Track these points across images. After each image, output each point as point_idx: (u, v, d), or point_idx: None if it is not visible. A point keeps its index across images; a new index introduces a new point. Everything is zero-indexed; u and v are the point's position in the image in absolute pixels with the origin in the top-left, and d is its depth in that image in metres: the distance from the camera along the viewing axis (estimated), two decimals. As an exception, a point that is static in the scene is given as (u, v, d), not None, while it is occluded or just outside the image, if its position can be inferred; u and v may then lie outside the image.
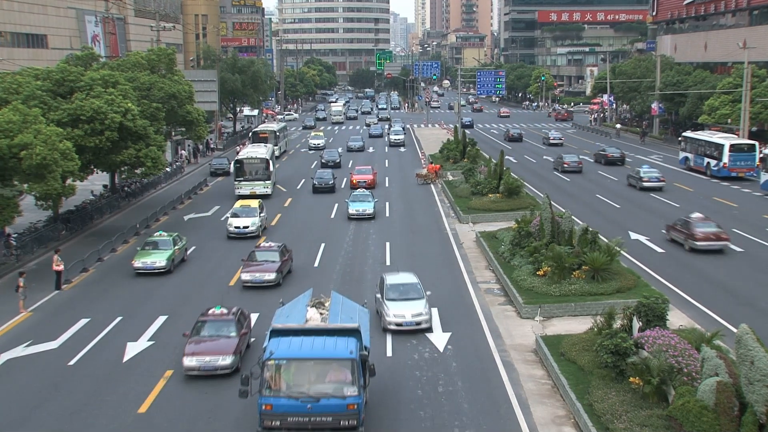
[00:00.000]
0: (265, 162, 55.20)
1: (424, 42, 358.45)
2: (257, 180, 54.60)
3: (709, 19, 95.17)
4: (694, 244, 37.80)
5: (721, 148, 60.18)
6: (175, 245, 37.01)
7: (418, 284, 28.75)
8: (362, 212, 46.82)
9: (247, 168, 54.85)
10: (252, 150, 58.98)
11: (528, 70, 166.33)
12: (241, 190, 54.42)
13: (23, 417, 21.43)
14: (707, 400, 17.43)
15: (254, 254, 34.48)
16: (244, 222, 42.55)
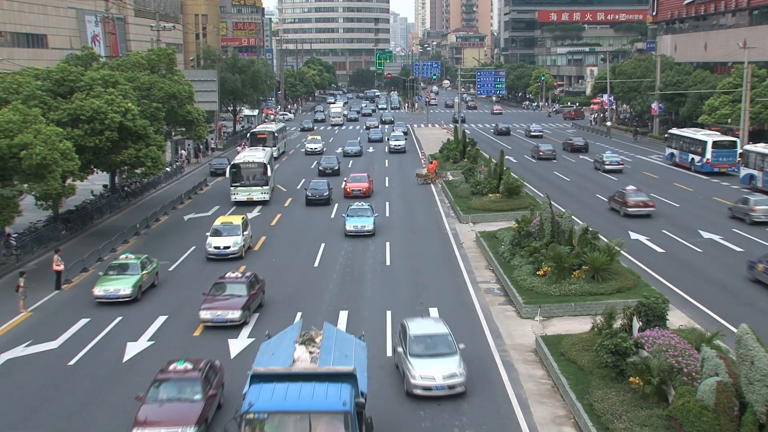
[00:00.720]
0: (263, 166, 52.35)
1: (424, 42, 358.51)
2: (254, 185, 52.06)
3: (709, 19, 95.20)
4: (626, 210, 46.42)
5: (704, 145, 62.94)
6: (144, 269, 32.57)
7: (448, 335, 23.41)
8: (360, 229, 42.04)
9: (244, 173, 52.20)
10: (249, 154, 56.05)
11: (528, 70, 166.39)
12: (237, 196, 51.90)
13: (23, 417, 21.43)
14: (707, 400, 17.44)
15: (217, 287, 29.26)
16: (224, 242, 37.83)
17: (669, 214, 47.05)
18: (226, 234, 38.39)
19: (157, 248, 40.95)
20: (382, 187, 59.50)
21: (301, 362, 18.18)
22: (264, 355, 19.61)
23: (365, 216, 42.78)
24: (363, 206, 44.23)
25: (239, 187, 51.95)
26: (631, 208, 46.09)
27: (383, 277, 34.65)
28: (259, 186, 52.06)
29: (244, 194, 51.82)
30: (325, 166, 65.88)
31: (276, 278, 34.67)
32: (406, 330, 23.47)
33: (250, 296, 28.85)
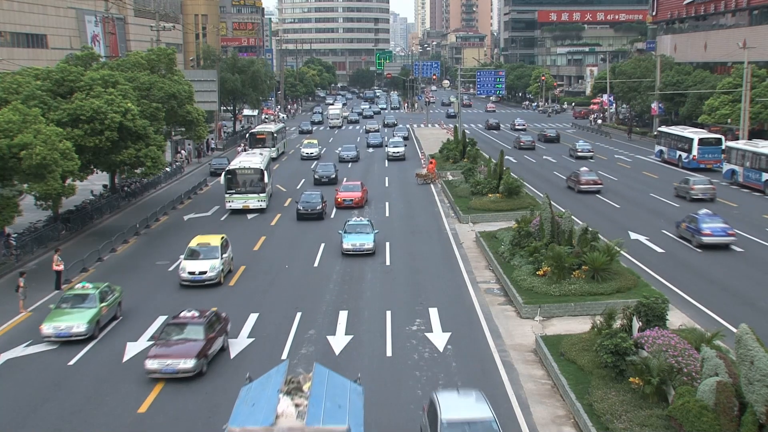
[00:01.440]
0: (260, 173, 49.60)
1: (424, 42, 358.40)
2: (251, 192, 49.34)
3: (709, 19, 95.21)
4: (579, 187, 55.57)
5: (690, 142, 65.91)
6: (103, 301, 28.11)
7: (493, 421, 17.58)
8: (359, 247, 37.94)
9: (239, 179, 49.56)
10: (245, 159, 53.06)
11: (528, 70, 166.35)
12: (232, 203, 49.35)
13: (23, 417, 21.43)
14: (707, 400, 17.44)
15: (169, 329, 24.74)
16: (201, 266, 33.03)
17: (669, 213, 47.10)
18: (202, 256, 33.61)
19: (156, 248, 40.98)
20: (381, 187, 59.53)
21: (285, 418, 15.52)
22: (243, 405, 16.73)
23: (364, 233, 38.91)
24: (362, 221, 40.08)
25: (234, 194, 49.37)
26: (583, 185, 55.46)
27: (383, 277, 34.65)
28: (256, 193, 49.44)
29: (240, 202, 49.32)
30: (321, 174, 61.12)
31: (275, 278, 34.71)
32: (436, 410, 17.72)
33: (208, 340, 24.27)
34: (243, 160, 52.22)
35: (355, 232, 38.82)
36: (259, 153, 56.97)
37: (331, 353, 25.62)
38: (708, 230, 38.80)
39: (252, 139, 77.35)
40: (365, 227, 39.37)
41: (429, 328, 27.69)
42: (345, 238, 38.47)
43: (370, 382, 23.08)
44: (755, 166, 55.59)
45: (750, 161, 56.35)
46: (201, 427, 20.69)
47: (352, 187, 52.20)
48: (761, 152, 54.88)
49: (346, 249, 38.06)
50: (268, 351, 25.85)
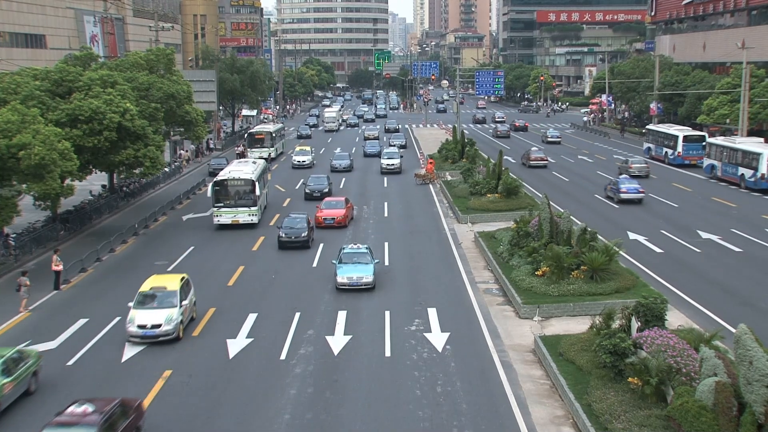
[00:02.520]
0: (251, 184, 44.87)
1: (423, 42, 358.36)
2: (241, 206, 44.84)
3: (707, 19, 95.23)
4: (529, 162, 68.82)
5: (676, 139, 68.66)
6: (8, 375, 21.60)
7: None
8: (356, 281, 32.08)
9: (228, 191, 44.98)
10: (235, 168, 48.21)
11: (527, 70, 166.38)
12: (220, 218, 44.81)
13: (22, 417, 21.39)
14: (706, 400, 17.45)
15: None
16: (153, 318, 26.41)
17: (669, 214, 47.14)
18: (156, 304, 26.95)
19: (155, 249, 40.97)
20: (380, 187, 59.49)
21: None
22: None
23: (362, 263, 33.03)
24: (359, 249, 34.13)
25: (223, 207, 44.77)
26: (532, 161, 69.12)
27: (382, 277, 34.60)
28: (247, 207, 44.84)
29: (229, 216, 44.75)
30: (313, 188, 54.04)
31: (275, 278, 34.69)
32: None
33: None
34: (233, 170, 47.56)
35: (352, 263, 33.02)
36: (252, 161, 52.12)
37: (330, 353, 25.62)
38: (624, 189, 51.37)
39: (251, 139, 77.32)
40: (363, 256, 33.59)
41: (428, 328, 27.69)
42: (339, 269, 32.63)
43: (368, 383, 23.12)
44: (732, 161, 58.02)
45: (728, 156, 58.80)
46: (200, 426, 20.69)
47: (334, 203, 46.20)
48: (738, 148, 57.43)
49: (340, 283, 32.20)
50: (266, 351, 25.84)
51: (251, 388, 22.99)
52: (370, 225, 45.92)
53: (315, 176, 56.66)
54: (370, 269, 32.63)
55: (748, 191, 54.75)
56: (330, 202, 46.73)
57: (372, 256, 33.96)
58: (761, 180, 53.88)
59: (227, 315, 29.63)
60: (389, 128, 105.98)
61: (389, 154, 69.31)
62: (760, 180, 54.02)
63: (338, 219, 44.55)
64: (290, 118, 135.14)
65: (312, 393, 22.58)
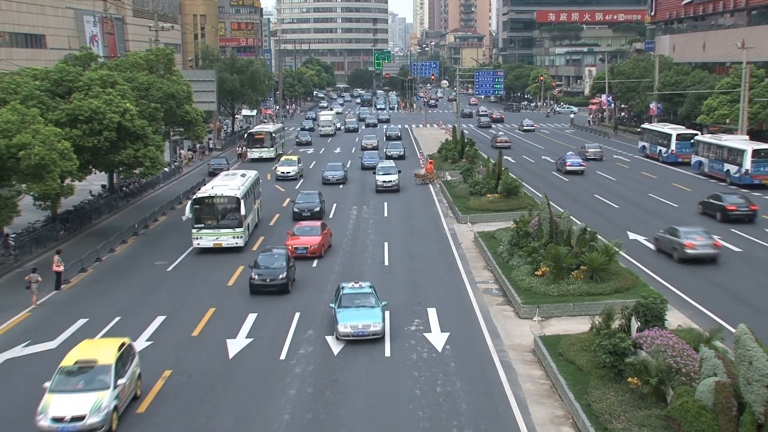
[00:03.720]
0: (235, 201, 39.45)
1: (423, 42, 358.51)
2: (224, 227, 39.42)
3: (707, 19, 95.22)
4: (496, 144, 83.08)
5: (669, 138, 70.12)
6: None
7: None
8: (362, 331, 26.29)
9: (209, 210, 39.60)
10: (220, 183, 42.80)
11: (526, 71, 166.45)
12: (200, 240, 39.22)
13: (22, 417, 21.39)
14: (706, 400, 17.45)
15: None
16: (75, 407, 19.72)
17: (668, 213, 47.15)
18: (82, 385, 20.45)
19: (155, 249, 40.95)
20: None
21: None
22: None
23: (366, 306, 27.27)
24: (362, 289, 28.29)
25: (203, 229, 39.26)
26: (497, 143, 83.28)
27: (382, 277, 34.61)
28: (230, 228, 39.45)
29: (210, 239, 39.33)
30: (303, 207, 46.79)
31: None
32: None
33: None
34: (216, 185, 42.23)
35: (354, 306, 27.22)
36: (241, 174, 45.60)
37: (330, 353, 25.62)
38: (569, 163, 65.33)
39: (251, 139, 77.40)
40: (367, 298, 27.77)
41: (428, 329, 27.69)
42: (340, 315, 26.76)
43: (368, 383, 23.12)
44: (719, 157, 59.73)
45: (714, 153, 60.61)
46: (200, 426, 20.69)
47: (308, 229, 39.26)
48: (723, 145, 59.26)
49: (343, 334, 26.32)
50: (266, 351, 25.83)
51: (251, 388, 22.99)
52: (370, 225, 45.91)
53: (305, 193, 49.23)
54: (378, 315, 26.83)
55: (734, 187, 56.01)
56: (303, 228, 39.38)
57: (377, 298, 27.98)
58: (745, 175, 55.47)
59: (227, 315, 29.63)
60: (390, 135, 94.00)
61: (385, 169, 59.46)
62: (744, 175, 55.61)
63: (312, 248, 37.57)
64: (290, 118, 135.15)
65: (312, 393, 22.58)
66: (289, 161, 66.11)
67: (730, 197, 45.68)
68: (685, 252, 35.67)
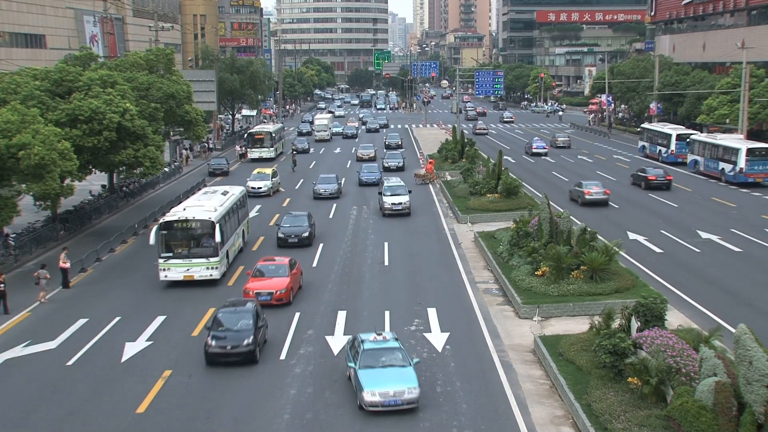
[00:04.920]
0: (209, 226, 33.39)
1: (423, 42, 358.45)
2: (196, 257, 33.22)
3: (707, 19, 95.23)
4: (475, 131, 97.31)
5: (669, 138, 70.37)
6: None
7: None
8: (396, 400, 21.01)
9: (179, 236, 33.93)
10: (194, 204, 36.55)
11: (526, 70, 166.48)
12: (168, 272, 33.05)
13: (22, 417, 21.42)
14: (706, 400, 17.45)
15: None
16: None
17: (668, 214, 47.19)
18: None
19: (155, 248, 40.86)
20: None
21: None
22: None
23: (396, 365, 21.94)
24: (386, 343, 22.58)
25: (172, 258, 33.17)
26: (477, 131, 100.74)
27: (382, 277, 34.64)
28: (204, 257, 33.17)
29: (180, 271, 33.04)
30: (288, 232, 40.41)
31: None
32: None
33: None
34: (190, 206, 36.18)
35: (380, 366, 21.83)
36: (222, 192, 39.30)
37: (330, 353, 25.62)
38: (535, 146, 78.45)
39: (250, 139, 77.47)
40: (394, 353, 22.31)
41: (428, 329, 27.69)
42: (364, 379, 21.43)
43: (368, 383, 23.07)
44: (714, 156, 60.65)
45: (709, 152, 61.49)
46: (200, 426, 20.69)
47: (273, 268, 31.56)
48: (718, 144, 60.22)
49: (371, 403, 20.98)
50: (266, 351, 25.81)
51: (251, 388, 22.98)
52: (369, 225, 45.90)
53: (292, 215, 42.26)
54: (412, 377, 21.50)
55: (728, 185, 57.46)
56: (266, 266, 31.74)
57: (406, 357, 22.32)
58: (740, 174, 56.37)
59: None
60: (390, 144, 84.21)
61: (393, 188, 49.05)
62: (738, 174, 56.47)
63: (278, 294, 30.09)
64: (290, 118, 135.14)
65: (312, 393, 22.58)
66: (261, 175, 57.76)
67: (651, 170, 57.55)
68: (585, 198, 49.98)
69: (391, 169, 65.81)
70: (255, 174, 58.55)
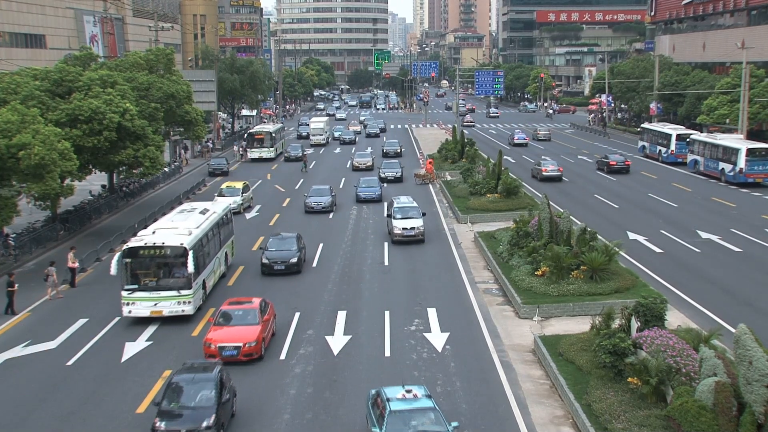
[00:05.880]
0: (181, 253, 28.67)
1: (423, 42, 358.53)
2: (165, 289, 28.56)
3: (707, 19, 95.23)
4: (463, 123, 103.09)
5: (669, 138, 70.66)
6: None
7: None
8: None
9: (146, 265, 29.01)
10: (165, 226, 31.64)
11: (526, 70, 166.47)
12: (132, 308, 28.43)
13: (22, 417, 21.43)
14: (706, 400, 17.45)
15: None
16: None
17: (668, 214, 47.20)
18: None
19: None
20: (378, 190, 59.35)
21: None
22: None
23: None
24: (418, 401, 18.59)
25: (137, 291, 28.47)
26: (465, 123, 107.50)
27: (382, 277, 34.64)
28: (174, 290, 28.52)
29: (146, 306, 28.44)
30: (274, 257, 35.10)
31: (274, 278, 34.63)
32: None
33: None
34: (160, 228, 31.26)
35: None
36: (200, 211, 34.14)
37: (330, 353, 25.63)
38: (516, 137, 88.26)
39: (251, 138, 77.50)
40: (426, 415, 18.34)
41: (428, 329, 27.69)
42: None
43: (368, 383, 23.10)
44: (714, 156, 60.76)
45: (709, 152, 61.61)
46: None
47: (241, 314, 25.92)
48: (718, 144, 60.37)
49: None
50: (266, 351, 25.80)
51: (251, 388, 22.98)
52: (369, 225, 45.89)
53: (277, 238, 36.73)
54: None
55: (728, 185, 57.54)
56: (233, 311, 26.15)
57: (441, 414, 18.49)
58: (740, 174, 56.46)
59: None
60: (388, 152, 77.05)
61: (404, 210, 41.43)
62: (738, 174, 56.57)
63: (246, 348, 24.58)
64: (290, 118, 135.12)
65: (312, 393, 22.59)
66: (231, 189, 50.65)
67: (612, 156, 66.67)
68: (542, 174, 60.80)
69: (388, 180, 60.47)
70: (224, 188, 51.16)
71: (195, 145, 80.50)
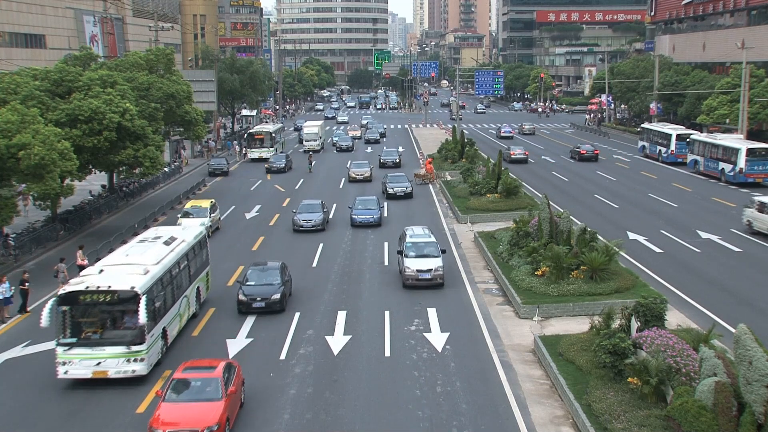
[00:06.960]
0: (131, 299, 23.14)
1: (423, 42, 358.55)
2: (110, 345, 23.17)
3: (707, 19, 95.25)
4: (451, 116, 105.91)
5: (669, 138, 70.82)
6: None
7: None
8: None
9: (87, 313, 23.54)
10: (115, 262, 26.03)
11: (526, 70, 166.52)
12: (70, 367, 23.01)
13: (22, 417, 21.41)
14: (706, 400, 17.45)
15: None
16: None
17: (668, 214, 47.19)
18: None
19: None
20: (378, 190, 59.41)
21: None
22: None
23: None
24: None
25: (76, 347, 23.02)
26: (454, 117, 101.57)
27: (381, 277, 34.63)
28: (122, 345, 23.13)
29: (87, 365, 23.00)
30: (253, 293, 29.49)
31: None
32: None
33: None
34: (108, 266, 25.55)
35: None
36: (164, 242, 28.46)
37: (330, 353, 25.62)
38: (503, 131, 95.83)
39: (250, 138, 77.58)
40: None
41: (427, 328, 27.69)
42: None
43: (368, 383, 23.12)
44: (713, 156, 60.89)
45: (709, 152, 61.72)
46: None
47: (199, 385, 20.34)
48: (718, 144, 60.54)
49: None
50: (266, 351, 25.83)
51: (251, 388, 22.96)
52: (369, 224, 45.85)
53: (257, 269, 31.15)
54: None
55: (728, 185, 57.68)
56: (188, 381, 20.56)
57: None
58: (739, 174, 56.56)
59: (227, 315, 29.63)
60: (386, 162, 69.46)
61: (419, 246, 33.65)
62: (738, 174, 56.67)
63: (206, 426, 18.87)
64: (289, 119, 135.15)
65: (312, 393, 22.59)
66: (197, 209, 43.73)
67: (583, 146, 74.99)
68: (511, 157, 71.23)
69: (397, 196, 53.46)
70: (189, 208, 44.21)
71: (195, 145, 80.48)
